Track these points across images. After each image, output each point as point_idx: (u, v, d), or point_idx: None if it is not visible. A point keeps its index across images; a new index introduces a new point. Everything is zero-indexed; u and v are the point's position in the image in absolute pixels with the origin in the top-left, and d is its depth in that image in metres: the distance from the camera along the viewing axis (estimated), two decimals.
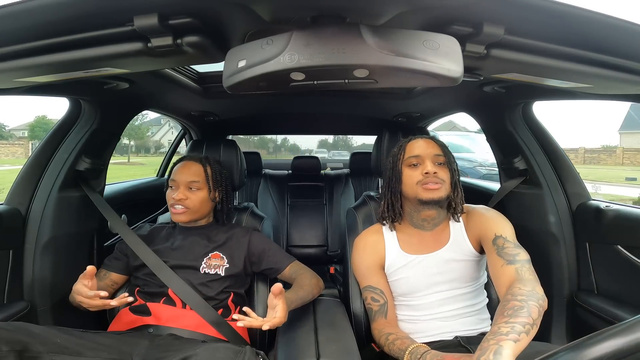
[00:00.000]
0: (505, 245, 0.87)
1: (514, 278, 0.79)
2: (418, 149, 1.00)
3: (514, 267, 0.82)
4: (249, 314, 0.86)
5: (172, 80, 1.16)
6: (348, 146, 27.59)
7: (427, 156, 0.98)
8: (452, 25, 0.54)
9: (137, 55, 0.58)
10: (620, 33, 0.54)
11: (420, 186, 0.96)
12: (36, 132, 26.15)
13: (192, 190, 1.11)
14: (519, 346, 0.61)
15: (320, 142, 26.41)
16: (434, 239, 1.02)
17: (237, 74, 0.52)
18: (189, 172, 1.12)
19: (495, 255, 0.87)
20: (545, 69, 0.65)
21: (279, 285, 0.85)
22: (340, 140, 27.94)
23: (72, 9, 0.49)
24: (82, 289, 0.88)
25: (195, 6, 0.51)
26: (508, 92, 1.12)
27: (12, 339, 0.75)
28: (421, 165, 0.98)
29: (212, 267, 1.06)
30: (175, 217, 1.12)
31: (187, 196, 1.10)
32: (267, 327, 0.83)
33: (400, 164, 1.02)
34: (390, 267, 1.02)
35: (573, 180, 1.29)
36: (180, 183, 1.11)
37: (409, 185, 0.99)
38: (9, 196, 1.10)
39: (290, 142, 13.30)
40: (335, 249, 2.35)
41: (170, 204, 1.11)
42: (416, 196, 0.97)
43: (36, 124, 26.73)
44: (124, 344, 0.88)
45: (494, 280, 0.86)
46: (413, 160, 1.00)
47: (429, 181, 0.95)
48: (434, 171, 0.95)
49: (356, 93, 1.54)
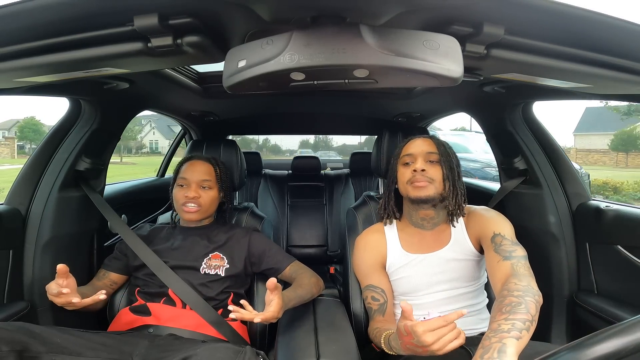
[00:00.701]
0: (502, 243, 0.88)
1: (509, 273, 0.79)
2: (412, 147, 1.02)
3: (510, 263, 0.82)
4: (246, 307, 0.85)
5: (172, 80, 1.16)
6: (328, 146, 27.63)
7: (420, 154, 0.99)
8: (452, 25, 0.54)
9: (137, 55, 0.58)
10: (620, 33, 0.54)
11: (410, 184, 0.97)
12: (25, 132, 26.03)
13: (204, 189, 1.12)
14: (521, 343, 0.61)
15: (301, 143, 26.42)
16: (435, 238, 1.02)
17: (237, 74, 0.52)
18: (201, 171, 1.12)
19: (492, 252, 0.87)
20: (545, 69, 0.65)
21: (273, 280, 0.83)
22: (321, 140, 27.97)
23: (72, 9, 0.49)
24: (49, 287, 0.87)
25: (196, 6, 0.51)
26: (508, 92, 1.12)
27: (12, 339, 0.75)
28: (412, 164, 0.99)
29: (212, 267, 1.06)
30: (187, 215, 1.11)
31: (200, 194, 1.10)
32: (259, 320, 0.81)
33: (396, 163, 1.04)
34: (392, 266, 1.02)
35: (573, 180, 1.29)
36: (192, 181, 1.10)
37: (401, 183, 1.01)
38: (9, 196, 1.10)
39: (271, 142, 13.25)
40: (335, 249, 2.35)
41: (182, 203, 1.10)
42: (407, 194, 0.99)
43: (25, 124, 26.59)
44: (124, 344, 0.88)
45: (490, 277, 0.86)
46: (407, 159, 1.01)
47: (416, 179, 0.96)
48: (421, 168, 0.96)
49: (356, 93, 1.54)
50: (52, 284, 0.87)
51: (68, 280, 0.86)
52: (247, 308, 0.85)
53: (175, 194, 1.12)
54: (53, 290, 0.85)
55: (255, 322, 0.82)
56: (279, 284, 0.86)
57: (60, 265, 0.84)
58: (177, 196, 1.12)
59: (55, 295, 0.85)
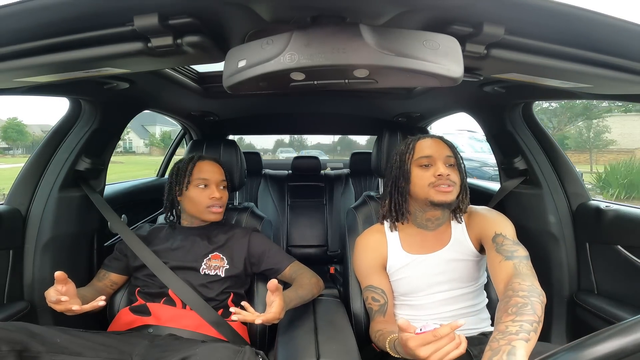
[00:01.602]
0: (504, 243, 0.87)
1: (512, 273, 0.79)
2: (429, 149, 0.97)
3: (512, 263, 0.81)
4: (247, 308, 0.85)
5: (172, 80, 1.16)
6: (303, 146, 27.54)
7: (439, 157, 0.96)
8: (452, 25, 0.54)
9: (137, 55, 0.58)
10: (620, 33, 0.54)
11: (433, 188, 0.94)
12: (9, 133, 26.07)
13: (222, 189, 1.14)
14: (530, 345, 0.60)
15: (276, 142, 26.35)
16: (436, 238, 1.02)
17: (237, 74, 0.52)
18: (218, 171, 1.14)
19: (494, 252, 0.87)
20: (545, 69, 0.65)
21: (274, 281, 0.83)
22: (295, 140, 27.93)
23: (73, 9, 0.49)
24: (47, 294, 0.86)
25: (196, 6, 0.51)
26: (508, 92, 1.12)
27: (12, 339, 0.75)
28: (433, 167, 0.96)
29: (212, 268, 1.06)
30: (212, 216, 1.11)
31: (222, 195, 1.12)
32: (260, 321, 0.81)
33: (409, 163, 0.99)
34: (392, 266, 1.02)
35: (573, 180, 1.29)
36: (212, 182, 1.11)
37: (419, 186, 0.96)
38: (9, 196, 1.10)
39: (245, 141, 13.21)
40: (335, 249, 2.35)
41: (207, 204, 1.10)
42: (427, 198, 0.95)
43: (8, 125, 26.57)
44: (123, 344, 0.88)
45: (493, 277, 0.86)
46: (424, 161, 0.97)
47: (442, 183, 0.94)
48: (447, 173, 0.94)
49: (356, 93, 1.54)
50: (50, 290, 0.85)
51: (67, 286, 0.85)
52: (249, 309, 0.85)
53: (196, 196, 1.10)
54: (52, 297, 0.84)
55: (257, 323, 0.82)
56: (279, 283, 0.86)
57: (58, 273, 0.82)
58: (199, 197, 1.10)
59: (54, 302, 0.84)
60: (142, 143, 31.26)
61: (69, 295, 0.85)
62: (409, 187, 0.98)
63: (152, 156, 8.69)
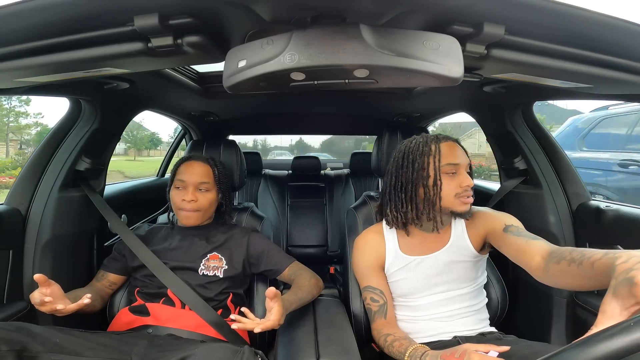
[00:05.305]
0: (519, 231, 0.87)
1: (549, 247, 0.77)
2: (456, 157, 0.92)
3: (542, 241, 0.80)
4: (247, 314, 0.85)
5: (172, 80, 1.16)
6: (306, 149, 28.02)
7: (463, 166, 0.93)
8: (453, 25, 0.54)
9: (137, 55, 0.58)
10: (620, 33, 0.54)
11: (458, 199, 0.91)
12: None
13: (201, 191, 1.09)
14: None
15: (255, 142, 26.54)
16: (435, 240, 1.01)
17: (238, 74, 0.52)
18: (199, 173, 1.09)
19: (513, 237, 0.85)
20: (545, 69, 0.65)
21: (272, 288, 0.83)
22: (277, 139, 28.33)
23: (73, 9, 0.49)
24: (32, 296, 0.86)
25: (196, 6, 0.51)
26: (508, 92, 1.12)
27: (11, 339, 0.75)
28: (458, 176, 0.92)
29: (210, 268, 1.06)
30: (184, 220, 1.09)
31: (198, 197, 1.08)
32: (259, 330, 0.80)
33: (437, 170, 0.91)
34: (390, 268, 1.02)
35: (573, 180, 1.29)
36: (190, 184, 1.08)
37: (447, 195, 0.91)
38: (9, 196, 1.10)
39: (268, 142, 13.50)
40: (335, 249, 2.35)
41: (179, 206, 1.08)
42: (450, 208, 0.92)
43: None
44: (123, 344, 0.88)
45: (520, 256, 0.81)
46: (452, 169, 0.92)
47: (467, 195, 0.91)
48: (472, 184, 0.92)
49: (356, 93, 1.54)
50: (35, 292, 0.85)
51: (51, 287, 0.85)
52: (248, 315, 0.84)
53: (172, 197, 1.10)
54: (36, 299, 0.84)
55: (256, 332, 0.80)
56: (279, 284, 0.86)
57: (37, 275, 0.82)
58: (174, 199, 1.09)
59: (38, 304, 0.84)
60: (124, 144, 34.21)
61: (53, 296, 0.84)
62: (431, 193, 0.91)
63: None
